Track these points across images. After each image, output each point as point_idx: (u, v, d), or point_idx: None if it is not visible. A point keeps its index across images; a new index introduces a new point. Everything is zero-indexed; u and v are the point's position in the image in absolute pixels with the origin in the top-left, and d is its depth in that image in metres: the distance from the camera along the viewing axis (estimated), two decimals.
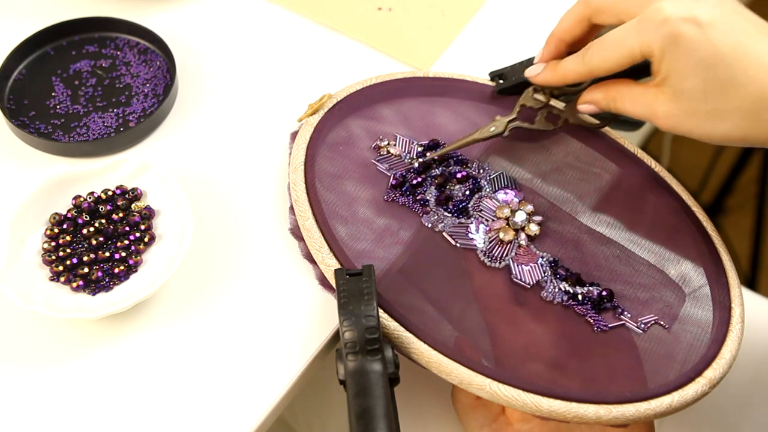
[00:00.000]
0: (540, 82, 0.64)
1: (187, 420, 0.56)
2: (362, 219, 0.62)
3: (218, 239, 0.64)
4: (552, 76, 0.63)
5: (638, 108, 0.58)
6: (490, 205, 0.63)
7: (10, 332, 0.59)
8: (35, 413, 0.56)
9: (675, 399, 0.55)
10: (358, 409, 0.51)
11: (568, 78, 0.62)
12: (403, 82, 0.70)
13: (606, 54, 0.58)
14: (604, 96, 0.61)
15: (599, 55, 0.58)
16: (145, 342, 0.59)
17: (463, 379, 0.55)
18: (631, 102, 0.59)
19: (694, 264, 0.62)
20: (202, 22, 0.78)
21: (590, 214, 0.64)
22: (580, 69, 0.60)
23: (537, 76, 0.64)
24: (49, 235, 0.62)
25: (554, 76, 0.63)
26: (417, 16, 0.79)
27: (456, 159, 0.66)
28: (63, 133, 0.69)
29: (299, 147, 0.65)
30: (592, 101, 0.62)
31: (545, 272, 0.60)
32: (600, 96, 0.61)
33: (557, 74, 0.63)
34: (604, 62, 0.58)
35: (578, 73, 0.61)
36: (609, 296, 0.59)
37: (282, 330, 0.60)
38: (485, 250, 0.61)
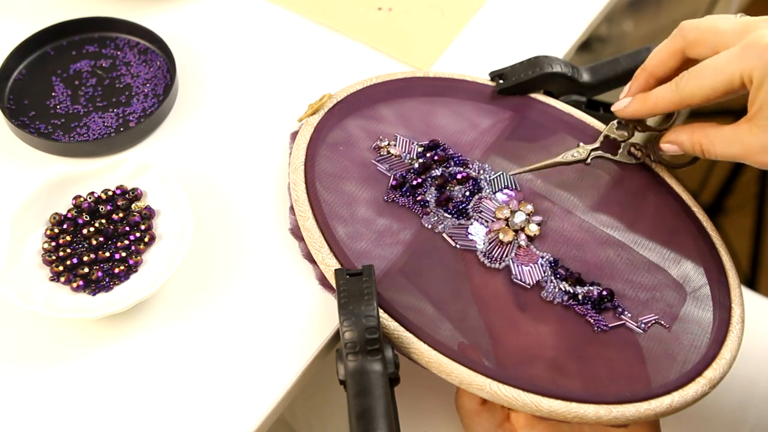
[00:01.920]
0: (628, 114, 0.63)
1: (187, 420, 0.56)
2: (362, 219, 0.62)
3: (218, 239, 0.64)
4: (641, 107, 0.61)
5: (730, 148, 0.57)
6: (490, 206, 0.63)
7: (10, 332, 0.59)
8: (35, 413, 0.56)
9: (675, 399, 0.55)
10: (358, 409, 0.51)
11: (659, 107, 0.60)
12: (404, 82, 0.70)
13: (703, 81, 0.56)
14: (689, 138, 0.59)
15: (695, 82, 0.57)
16: (145, 342, 0.59)
17: (463, 379, 0.55)
18: (722, 143, 0.57)
19: (694, 264, 0.62)
20: (202, 22, 0.78)
21: (590, 214, 0.64)
22: (673, 97, 0.58)
23: (625, 109, 0.62)
24: (49, 235, 0.62)
25: (644, 107, 0.61)
26: (417, 16, 0.79)
27: (456, 160, 0.66)
28: (63, 133, 0.69)
29: (299, 147, 0.65)
30: (676, 142, 0.61)
31: (545, 272, 0.60)
32: (685, 138, 0.60)
33: (647, 104, 0.61)
34: (701, 89, 0.56)
35: (670, 101, 0.59)
36: (609, 296, 0.59)
37: (282, 330, 0.60)
38: (485, 251, 0.61)
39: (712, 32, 0.57)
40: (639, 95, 0.62)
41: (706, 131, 0.58)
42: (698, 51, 0.58)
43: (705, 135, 0.58)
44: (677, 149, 0.61)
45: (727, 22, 0.57)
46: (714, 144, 0.58)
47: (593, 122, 0.69)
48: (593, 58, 1.37)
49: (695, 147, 0.59)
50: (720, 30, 0.57)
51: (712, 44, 0.57)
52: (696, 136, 0.59)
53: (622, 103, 0.63)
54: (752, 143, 0.55)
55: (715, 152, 0.58)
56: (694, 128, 0.60)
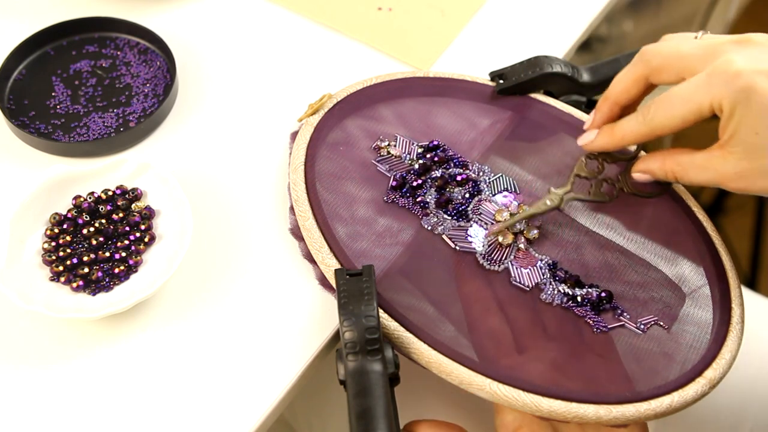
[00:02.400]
0: (596, 148, 0.61)
1: (188, 420, 0.56)
2: (362, 219, 0.62)
3: (218, 239, 0.64)
4: (609, 140, 0.60)
5: (704, 175, 0.56)
6: (490, 208, 0.63)
7: (10, 332, 0.59)
8: (35, 413, 0.56)
9: (675, 399, 0.55)
10: (358, 409, 0.51)
11: (626, 140, 0.59)
12: (403, 82, 0.70)
13: (672, 111, 0.55)
14: (661, 167, 0.58)
15: (664, 113, 0.55)
16: (145, 342, 0.59)
17: (463, 380, 0.55)
18: (695, 171, 0.56)
19: (694, 264, 0.62)
20: (202, 22, 0.78)
21: (590, 215, 0.64)
22: (641, 129, 0.57)
23: (592, 142, 0.61)
24: (49, 235, 0.62)
25: (612, 140, 0.60)
26: (417, 16, 0.79)
27: (456, 161, 0.66)
28: (63, 133, 0.69)
29: (299, 147, 0.65)
30: (647, 171, 0.60)
31: (544, 275, 0.60)
32: (656, 166, 0.59)
33: (615, 137, 0.60)
34: (670, 120, 0.55)
35: (639, 134, 0.58)
36: (608, 297, 0.59)
37: (282, 330, 0.60)
38: (484, 253, 0.61)
39: (675, 58, 0.56)
40: (605, 128, 0.61)
41: (678, 158, 0.57)
42: (662, 77, 0.57)
43: (677, 163, 0.57)
44: (649, 177, 0.60)
45: (690, 45, 0.56)
46: (687, 171, 0.57)
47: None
48: (593, 58, 1.37)
49: (668, 174, 0.58)
50: (683, 55, 0.56)
51: (676, 70, 0.56)
52: (668, 164, 0.58)
53: (589, 136, 0.61)
54: (726, 170, 0.55)
55: (689, 179, 0.57)
56: (665, 156, 0.58)
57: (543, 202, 0.62)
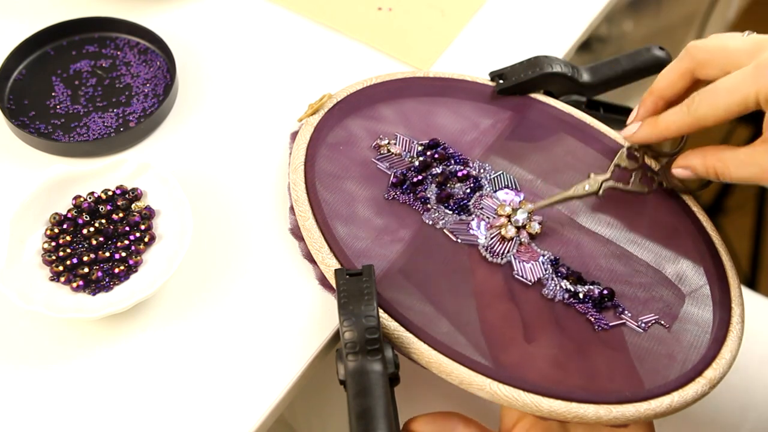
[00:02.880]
0: (638, 139, 0.61)
1: (188, 420, 0.56)
2: (362, 219, 0.62)
3: (218, 239, 0.64)
4: (652, 131, 0.60)
5: (746, 171, 0.56)
6: (491, 203, 0.63)
7: (10, 332, 0.59)
8: (35, 413, 0.56)
9: (675, 399, 0.55)
10: (358, 409, 0.51)
11: (670, 131, 0.59)
12: (404, 82, 0.70)
13: (716, 102, 0.55)
14: (702, 162, 0.58)
15: (708, 103, 0.55)
16: (145, 342, 0.59)
17: (463, 379, 0.55)
18: (737, 166, 0.56)
19: (694, 264, 0.62)
20: (202, 22, 0.78)
21: (590, 214, 0.64)
22: (685, 119, 0.57)
23: (634, 134, 0.61)
24: (49, 235, 0.62)
25: (654, 131, 0.60)
26: (417, 16, 0.79)
27: (456, 158, 0.66)
28: (63, 133, 0.69)
29: (299, 147, 0.65)
30: (688, 166, 0.59)
31: (546, 270, 0.60)
32: (698, 162, 0.59)
33: (658, 128, 0.60)
34: (714, 110, 0.55)
35: (683, 124, 0.58)
36: (610, 295, 0.59)
37: (282, 330, 0.60)
38: (487, 245, 0.61)
39: (722, 52, 0.56)
40: (648, 120, 0.61)
41: (720, 154, 0.57)
42: (708, 72, 0.57)
43: (719, 159, 0.57)
44: (690, 174, 0.60)
45: (737, 41, 0.56)
46: (728, 167, 0.57)
47: (593, 122, 0.69)
48: (593, 58, 1.37)
49: (709, 171, 0.58)
50: (730, 49, 0.56)
51: (722, 64, 0.56)
52: (709, 160, 0.58)
53: (631, 128, 0.62)
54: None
55: (730, 175, 0.57)
56: (706, 152, 0.58)
57: (582, 186, 0.62)
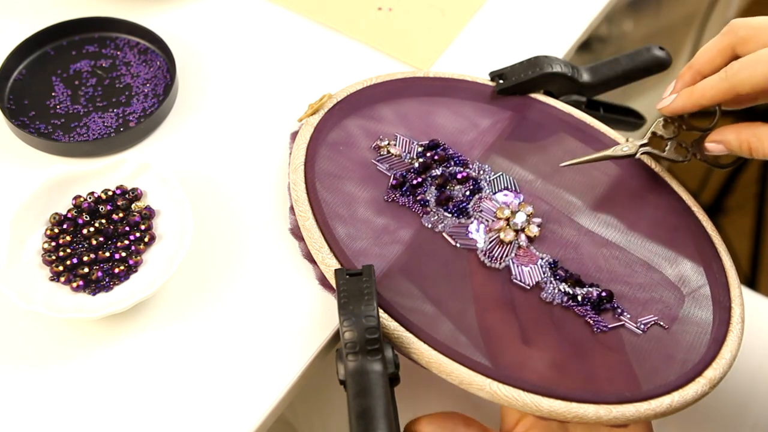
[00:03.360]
0: (674, 110, 0.61)
1: (188, 420, 0.56)
2: (362, 219, 0.62)
3: (218, 239, 0.64)
4: (687, 100, 0.60)
5: None
6: (490, 206, 0.63)
7: (10, 332, 0.59)
8: (35, 413, 0.56)
9: (675, 399, 0.55)
10: (358, 409, 0.51)
11: (705, 97, 0.59)
12: (403, 82, 0.70)
13: (756, 68, 0.55)
14: (737, 137, 0.58)
15: (748, 70, 0.56)
16: (145, 342, 0.59)
17: (463, 379, 0.55)
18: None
19: (694, 264, 0.62)
20: (202, 22, 0.78)
21: (590, 214, 0.64)
22: (721, 85, 0.57)
23: (670, 105, 0.61)
24: (49, 235, 0.62)
25: (690, 100, 0.60)
26: (417, 16, 0.79)
27: (456, 160, 0.66)
28: (63, 133, 0.69)
29: (299, 147, 0.65)
30: (722, 141, 0.60)
31: (545, 273, 0.60)
32: (732, 137, 0.59)
33: (693, 96, 0.60)
34: (752, 77, 0.55)
35: (719, 90, 0.58)
36: (608, 297, 0.59)
37: (282, 330, 0.60)
38: (485, 250, 0.61)
39: (764, 29, 0.57)
40: (684, 90, 0.61)
41: (755, 130, 0.57)
42: (749, 47, 0.57)
43: (753, 134, 0.57)
44: (723, 149, 0.60)
45: None
46: (764, 143, 0.57)
47: (593, 122, 0.69)
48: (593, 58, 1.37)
49: (742, 146, 0.58)
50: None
51: (764, 40, 0.56)
52: (744, 135, 0.58)
53: (667, 100, 0.62)
54: None
55: (764, 151, 0.57)
56: (740, 127, 0.58)
57: (621, 148, 0.63)
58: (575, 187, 0.65)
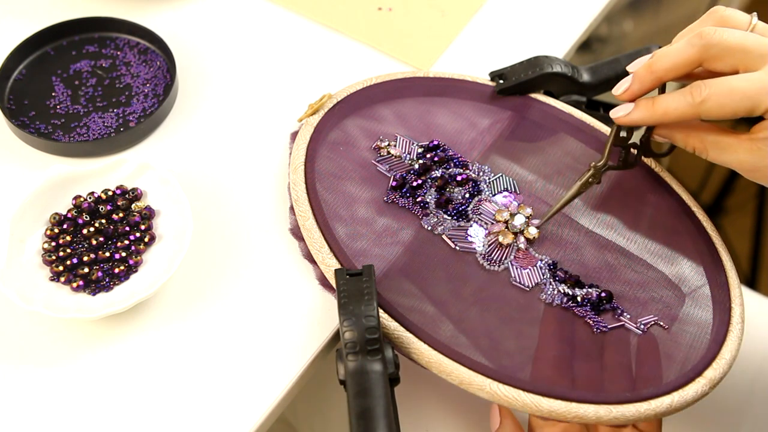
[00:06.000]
0: (632, 121, 0.59)
1: (188, 420, 0.56)
2: (362, 219, 0.62)
3: (218, 239, 0.64)
4: (649, 115, 0.58)
5: (723, 157, 0.57)
6: (490, 208, 0.63)
7: (10, 332, 0.59)
8: (35, 413, 0.56)
9: (675, 399, 0.55)
10: (358, 409, 0.51)
11: (668, 117, 0.57)
12: (403, 82, 0.70)
13: (726, 102, 0.54)
14: (684, 138, 0.59)
15: (717, 101, 0.55)
16: (145, 342, 0.59)
17: (463, 380, 0.55)
18: (717, 151, 0.57)
19: (694, 264, 0.62)
20: (202, 22, 0.78)
21: (590, 215, 0.64)
22: (687, 110, 0.56)
23: (629, 115, 0.59)
24: (49, 235, 0.62)
25: (652, 115, 0.58)
26: (417, 16, 0.79)
27: (456, 161, 0.66)
28: (63, 133, 0.69)
29: (299, 147, 0.65)
30: (668, 137, 0.60)
31: (544, 275, 0.60)
32: (680, 136, 0.59)
33: (656, 113, 0.58)
34: (721, 109, 0.55)
35: (684, 114, 0.56)
36: (608, 297, 0.59)
37: (282, 330, 0.60)
38: (484, 253, 0.61)
39: (739, 52, 0.55)
40: (644, 101, 0.59)
41: (703, 136, 0.58)
42: (717, 66, 0.56)
43: (701, 140, 0.58)
44: (667, 141, 0.61)
45: (754, 41, 0.55)
46: (708, 149, 0.58)
47: (593, 122, 0.69)
48: (593, 58, 1.37)
49: (688, 147, 0.59)
50: (747, 50, 0.55)
51: (733, 62, 0.55)
52: (691, 140, 0.59)
53: (625, 108, 0.59)
54: (747, 160, 0.56)
55: (707, 156, 0.58)
56: (690, 129, 0.59)
57: (586, 180, 0.62)
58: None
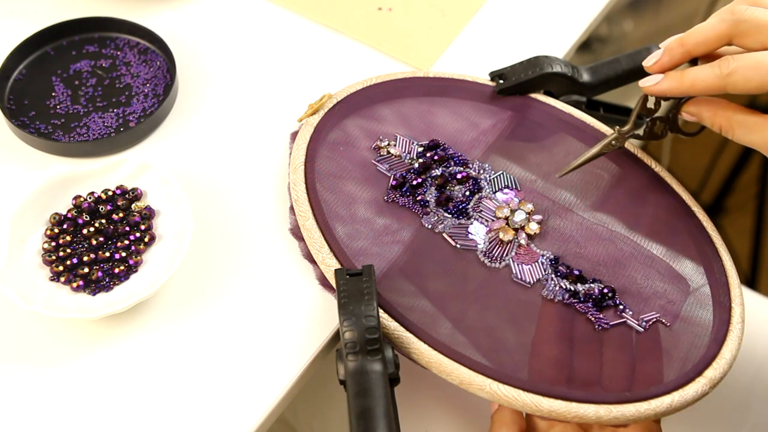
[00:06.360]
0: (660, 91, 0.60)
1: (188, 420, 0.56)
2: (362, 219, 0.62)
3: (218, 239, 0.64)
4: (677, 85, 0.59)
5: (750, 137, 0.57)
6: (490, 205, 0.63)
7: (10, 332, 0.59)
8: (35, 413, 0.56)
9: (675, 399, 0.55)
10: (358, 409, 0.51)
11: (695, 88, 0.58)
12: (403, 82, 0.70)
13: (754, 75, 0.55)
14: (711, 116, 0.59)
15: (745, 74, 0.55)
16: (145, 342, 0.59)
17: (463, 379, 0.55)
18: (744, 130, 0.57)
19: (694, 263, 0.62)
20: (202, 22, 0.78)
21: (590, 213, 0.64)
22: (715, 82, 0.56)
23: (657, 85, 0.60)
24: (49, 235, 0.62)
25: (680, 86, 0.59)
26: (417, 16, 0.79)
27: (456, 159, 0.66)
28: (63, 133, 0.69)
29: (299, 147, 0.65)
30: (696, 115, 0.60)
31: (546, 271, 0.60)
32: (707, 114, 0.59)
33: (684, 83, 0.58)
34: (748, 83, 0.55)
35: (711, 86, 0.57)
36: (611, 293, 0.59)
37: (282, 330, 0.60)
38: (485, 250, 0.61)
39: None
40: (673, 72, 0.59)
41: (729, 114, 0.58)
42: (747, 43, 0.56)
43: (727, 118, 0.58)
44: (696, 120, 0.61)
45: None
46: (734, 128, 0.58)
47: (593, 122, 0.69)
48: (593, 58, 1.37)
49: (714, 126, 0.59)
50: None
51: (764, 40, 0.56)
52: (718, 117, 0.58)
53: (654, 78, 0.60)
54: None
55: (733, 135, 0.58)
56: (717, 107, 0.59)
57: (609, 142, 0.63)
58: (576, 186, 0.65)
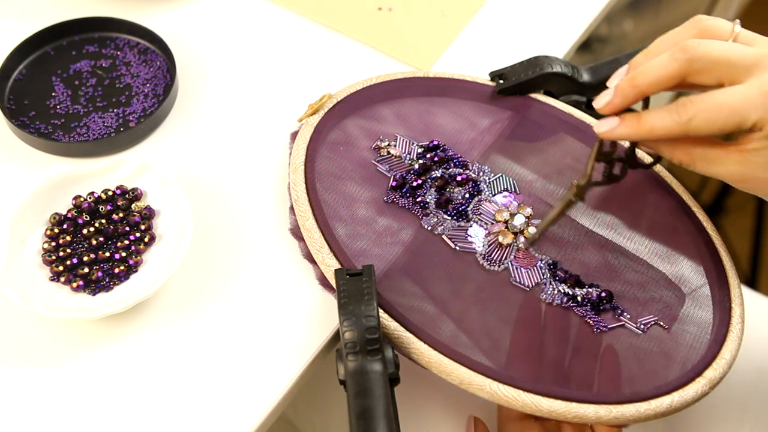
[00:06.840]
0: (618, 137, 0.57)
1: (188, 419, 0.56)
2: (362, 219, 0.62)
3: (218, 239, 0.64)
4: (635, 131, 0.56)
5: (711, 169, 0.56)
6: (490, 208, 0.63)
7: (10, 332, 0.59)
8: (35, 413, 0.56)
9: (675, 399, 0.55)
10: (358, 409, 0.51)
11: (654, 134, 0.56)
12: (403, 82, 0.70)
13: (714, 118, 0.53)
14: (670, 151, 0.57)
15: (704, 118, 0.53)
16: (145, 342, 0.59)
17: (463, 379, 0.55)
18: (704, 163, 0.56)
19: (694, 264, 0.62)
20: (202, 22, 0.78)
21: (590, 214, 0.64)
22: (674, 128, 0.54)
23: (614, 130, 0.57)
24: (49, 235, 0.62)
25: (638, 131, 0.56)
26: (417, 16, 0.79)
27: (456, 161, 0.66)
28: (63, 133, 0.69)
29: (299, 147, 0.65)
30: (654, 149, 0.59)
31: (544, 275, 0.60)
32: (666, 150, 0.58)
33: (642, 129, 0.56)
34: (709, 126, 0.53)
35: (670, 131, 0.55)
36: (608, 297, 0.59)
37: (282, 330, 0.60)
38: (484, 253, 0.61)
39: (724, 65, 0.54)
40: (630, 116, 0.57)
41: (689, 149, 0.56)
42: (702, 79, 0.55)
43: (687, 153, 0.56)
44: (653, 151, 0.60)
45: (738, 53, 0.54)
46: (695, 162, 0.56)
47: (593, 122, 0.69)
48: (593, 58, 1.37)
49: (674, 160, 0.57)
50: (732, 63, 0.53)
51: (718, 75, 0.54)
52: (678, 154, 0.57)
53: (610, 123, 0.57)
54: (736, 171, 0.55)
55: (695, 168, 0.57)
56: (676, 142, 0.57)
57: (569, 199, 0.61)
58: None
